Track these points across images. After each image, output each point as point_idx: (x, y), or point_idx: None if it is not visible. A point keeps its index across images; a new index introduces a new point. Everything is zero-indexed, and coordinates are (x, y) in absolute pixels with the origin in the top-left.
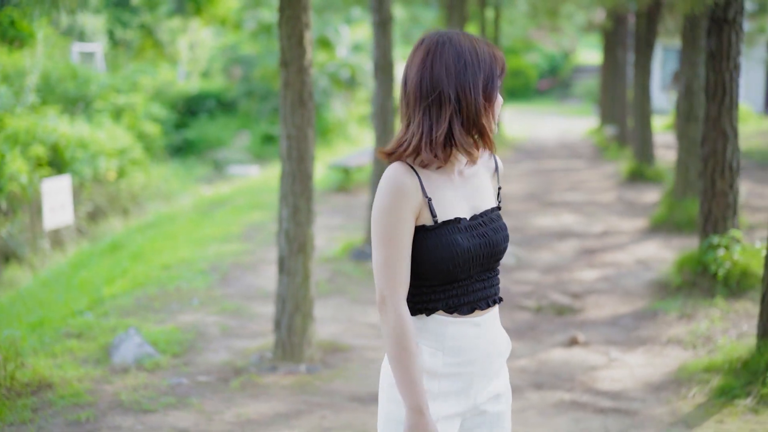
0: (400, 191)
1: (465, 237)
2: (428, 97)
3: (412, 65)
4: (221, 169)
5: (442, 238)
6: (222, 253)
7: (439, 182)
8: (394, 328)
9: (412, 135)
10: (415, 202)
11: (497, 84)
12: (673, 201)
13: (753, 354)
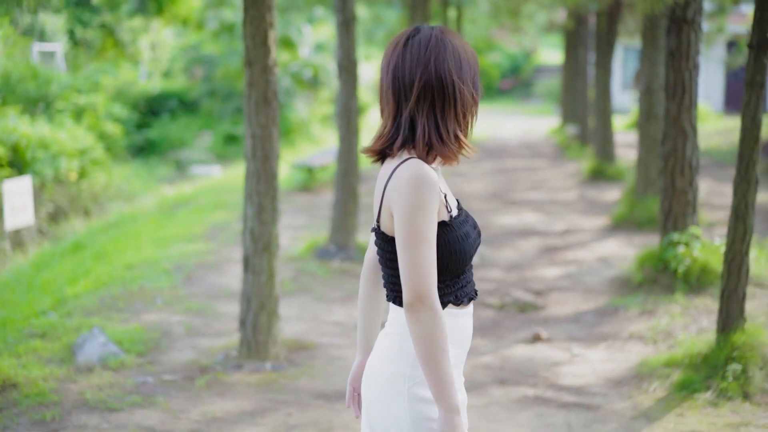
0: (434, 187)
1: (470, 229)
2: (433, 91)
3: (409, 59)
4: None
5: (457, 231)
6: (186, 253)
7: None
8: (432, 328)
9: (423, 130)
10: (439, 198)
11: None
12: (633, 199)
13: (712, 349)
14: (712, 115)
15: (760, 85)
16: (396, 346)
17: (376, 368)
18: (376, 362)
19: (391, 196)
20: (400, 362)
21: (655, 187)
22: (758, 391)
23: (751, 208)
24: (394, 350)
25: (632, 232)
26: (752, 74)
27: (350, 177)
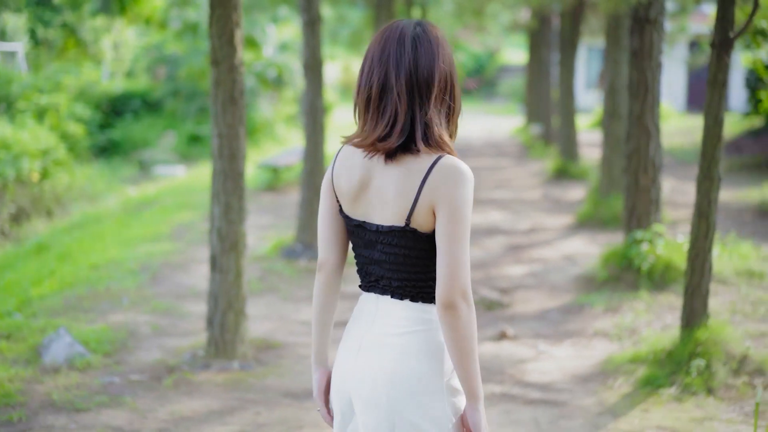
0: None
1: None
2: (437, 85)
3: (424, 55)
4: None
5: None
6: (151, 253)
7: None
8: (473, 323)
9: (437, 126)
10: None
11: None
12: (598, 197)
13: (676, 345)
14: (674, 114)
15: (722, 84)
16: (424, 344)
17: (405, 369)
18: (403, 363)
19: (439, 192)
20: (433, 359)
21: (618, 186)
22: (722, 386)
23: (713, 205)
24: (423, 348)
25: (596, 231)
26: (714, 73)
27: (316, 176)
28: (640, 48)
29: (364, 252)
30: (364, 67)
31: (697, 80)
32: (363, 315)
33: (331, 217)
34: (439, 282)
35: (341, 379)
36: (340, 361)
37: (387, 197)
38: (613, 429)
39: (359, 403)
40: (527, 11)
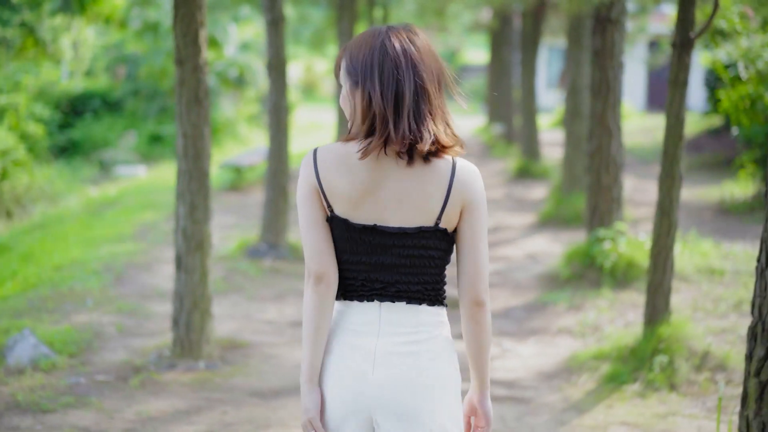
0: None
1: None
2: (443, 85)
3: (428, 59)
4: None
5: None
6: (115, 253)
7: None
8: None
9: (453, 125)
10: None
11: None
12: (560, 196)
13: (639, 341)
14: (634, 114)
15: (683, 83)
16: (448, 346)
17: (440, 374)
18: (437, 368)
19: (467, 191)
20: (455, 360)
21: (580, 185)
22: (684, 381)
23: (675, 203)
24: (447, 351)
25: (559, 229)
26: (676, 73)
27: (280, 176)
28: (602, 48)
29: (367, 258)
30: (374, 69)
31: (657, 80)
32: (362, 326)
33: (322, 225)
34: (466, 279)
35: (354, 400)
36: (346, 380)
37: (410, 198)
38: (577, 425)
39: (389, 419)
40: (489, 11)
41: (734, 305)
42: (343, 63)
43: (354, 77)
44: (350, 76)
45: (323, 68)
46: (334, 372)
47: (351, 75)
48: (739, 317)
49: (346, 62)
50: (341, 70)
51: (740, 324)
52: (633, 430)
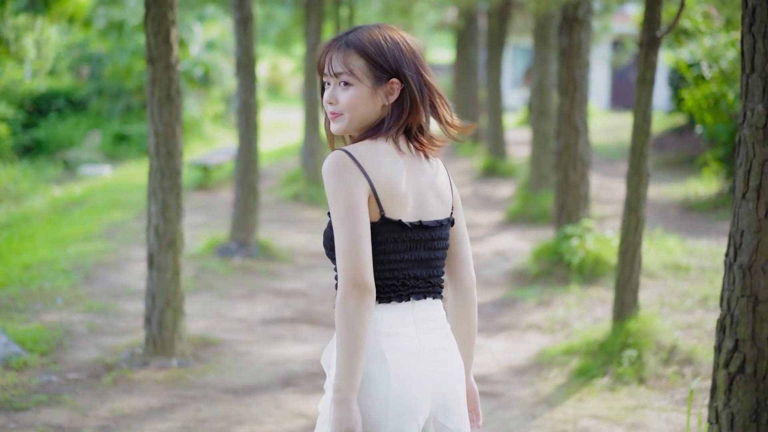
0: None
1: None
2: None
3: (416, 53)
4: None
5: None
6: (83, 252)
7: None
8: None
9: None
10: None
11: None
12: (527, 194)
13: (608, 336)
14: (598, 113)
15: (650, 81)
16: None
17: (462, 364)
18: (460, 359)
19: (453, 184)
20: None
21: (547, 183)
22: (653, 375)
23: (643, 200)
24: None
25: (526, 227)
26: (643, 71)
27: (250, 174)
28: (569, 47)
29: (408, 255)
30: (406, 62)
31: (620, 79)
32: (400, 328)
33: (369, 233)
34: (466, 264)
35: (419, 401)
36: (405, 384)
37: (437, 191)
38: (548, 418)
39: (449, 416)
40: (454, 10)
41: (700, 301)
42: (361, 62)
43: (382, 72)
44: (377, 70)
45: (289, 67)
46: (389, 380)
47: (378, 69)
48: (705, 312)
49: (369, 58)
50: (357, 69)
51: (706, 319)
52: (603, 423)
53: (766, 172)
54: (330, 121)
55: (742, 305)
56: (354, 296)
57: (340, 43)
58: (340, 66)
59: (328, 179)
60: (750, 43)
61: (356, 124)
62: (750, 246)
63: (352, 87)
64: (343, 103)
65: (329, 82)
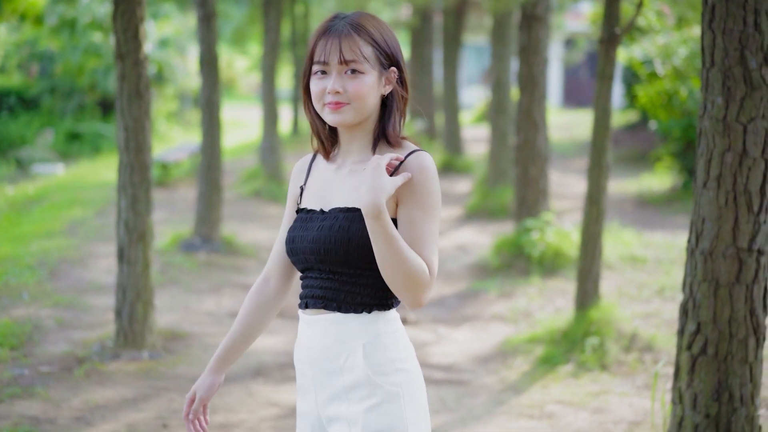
0: (292, 175)
1: (297, 226)
2: None
3: (396, 39)
4: (25, 168)
5: (292, 225)
6: (46, 249)
7: (320, 173)
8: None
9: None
10: (296, 186)
11: (312, 71)
12: (486, 189)
13: (571, 325)
14: (551, 110)
15: (609, 77)
16: None
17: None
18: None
19: None
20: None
21: (505, 178)
22: (614, 362)
23: (603, 192)
24: None
25: (485, 221)
26: (603, 67)
27: (213, 170)
28: (528, 44)
29: None
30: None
31: (572, 77)
32: None
33: None
34: None
35: None
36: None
37: None
38: (515, 404)
39: None
40: (408, 8)
41: (657, 291)
42: (369, 48)
43: (386, 59)
44: (383, 58)
45: (243, 65)
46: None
47: (383, 56)
48: (662, 302)
49: (377, 45)
50: (369, 56)
51: (663, 308)
52: (568, 407)
53: (725, 162)
54: (329, 111)
55: (704, 289)
56: (429, 291)
57: (345, 29)
58: (351, 53)
59: (434, 178)
60: (710, 39)
61: (361, 115)
62: (711, 233)
63: (364, 75)
64: (353, 92)
65: (327, 71)
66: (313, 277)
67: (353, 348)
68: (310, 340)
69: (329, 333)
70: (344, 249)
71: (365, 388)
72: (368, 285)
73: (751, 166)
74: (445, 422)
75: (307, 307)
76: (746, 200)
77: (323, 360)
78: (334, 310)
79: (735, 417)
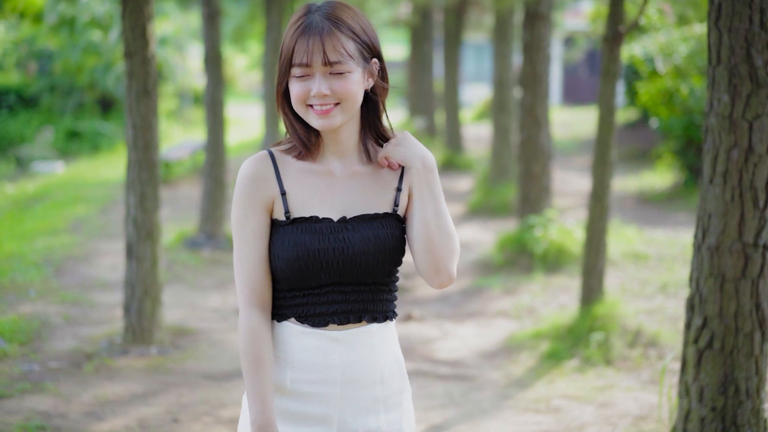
0: (241, 180)
1: (316, 238)
2: None
3: (372, 28)
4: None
5: (291, 236)
6: (51, 246)
7: (302, 176)
8: (240, 335)
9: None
10: (267, 193)
11: (291, 74)
12: (488, 187)
13: (576, 320)
14: (552, 107)
15: (614, 75)
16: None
17: None
18: None
19: None
20: None
21: (507, 175)
22: (619, 357)
23: (607, 189)
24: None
25: (488, 218)
26: (607, 65)
27: (218, 167)
28: (531, 42)
29: None
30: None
31: (572, 75)
32: None
33: None
34: None
35: None
36: None
37: None
38: (521, 399)
39: None
40: (408, 6)
41: (660, 287)
42: (352, 44)
43: (368, 52)
44: (365, 51)
45: (242, 64)
46: None
47: (365, 50)
48: (665, 298)
49: (359, 39)
50: (352, 53)
51: (666, 304)
52: (574, 402)
53: (731, 159)
54: (316, 116)
55: (710, 284)
56: None
57: (325, 25)
58: (336, 53)
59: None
60: (716, 37)
61: (349, 115)
62: (717, 228)
63: (350, 74)
64: (342, 93)
65: (309, 73)
66: (336, 291)
67: (390, 357)
68: (335, 356)
69: (367, 346)
70: (388, 258)
71: (399, 395)
72: (393, 292)
73: (756, 162)
74: (452, 416)
75: (329, 323)
76: (752, 196)
77: (360, 375)
78: (370, 322)
79: (741, 410)
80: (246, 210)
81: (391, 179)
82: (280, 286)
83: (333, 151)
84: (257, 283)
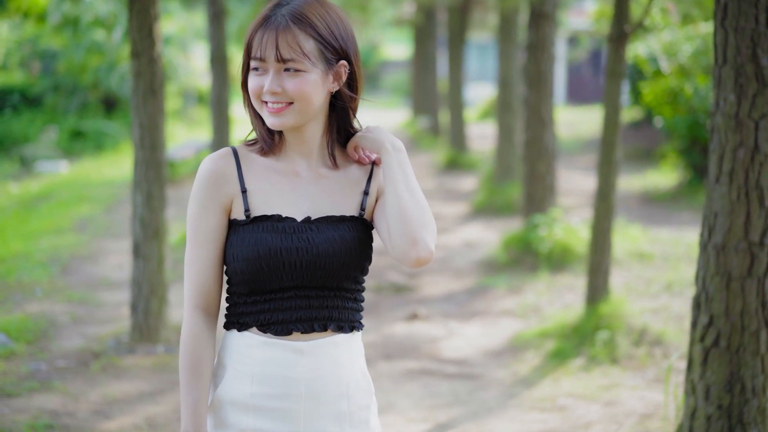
0: (200, 177)
1: (278, 237)
2: None
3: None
4: (29, 165)
5: (251, 234)
6: (57, 246)
7: (266, 173)
8: (181, 339)
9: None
10: (225, 192)
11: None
12: (492, 186)
13: (581, 319)
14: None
15: (619, 75)
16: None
17: None
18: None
19: None
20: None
21: (512, 174)
22: (625, 356)
23: (612, 188)
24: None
25: (492, 217)
26: (612, 65)
27: None
28: (536, 41)
29: None
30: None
31: (575, 74)
32: None
33: None
34: None
35: None
36: None
37: None
38: (527, 397)
39: None
40: (411, 5)
41: (665, 286)
42: (311, 42)
43: (332, 53)
44: (328, 52)
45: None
46: None
47: (329, 50)
48: (670, 297)
49: (321, 38)
50: (309, 52)
51: (672, 303)
52: (580, 400)
53: (737, 158)
54: (268, 113)
55: (717, 283)
56: None
57: (284, 21)
58: (289, 50)
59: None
60: (722, 37)
61: (304, 116)
62: (723, 227)
63: (305, 73)
64: (294, 93)
65: (263, 68)
66: (299, 296)
67: (356, 371)
68: (299, 368)
69: (333, 357)
70: (353, 262)
71: (366, 411)
72: (359, 301)
73: (762, 161)
74: (458, 415)
75: (293, 331)
76: (758, 195)
77: (325, 389)
78: (335, 331)
79: (747, 408)
80: (201, 209)
81: (358, 182)
82: (239, 290)
83: (297, 150)
84: (206, 286)
